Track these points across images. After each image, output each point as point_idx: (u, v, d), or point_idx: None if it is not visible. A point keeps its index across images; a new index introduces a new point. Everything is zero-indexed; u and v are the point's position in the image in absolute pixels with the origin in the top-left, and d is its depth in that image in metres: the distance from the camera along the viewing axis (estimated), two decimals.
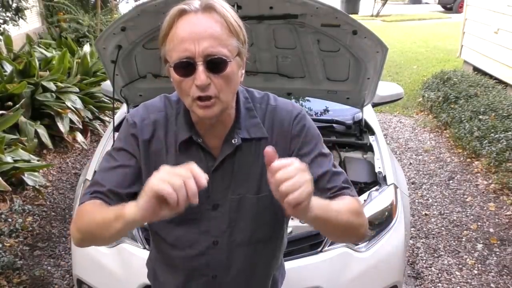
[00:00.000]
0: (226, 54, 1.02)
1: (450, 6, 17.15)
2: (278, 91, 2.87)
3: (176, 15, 1.03)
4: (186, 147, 1.15)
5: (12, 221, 3.41)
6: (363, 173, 2.54)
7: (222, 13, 1.03)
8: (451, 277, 2.99)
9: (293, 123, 1.17)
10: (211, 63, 1.01)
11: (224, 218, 1.18)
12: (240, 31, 1.06)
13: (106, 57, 2.44)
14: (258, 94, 1.22)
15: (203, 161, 1.14)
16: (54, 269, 3.03)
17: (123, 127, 1.20)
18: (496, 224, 3.55)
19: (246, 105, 1.18)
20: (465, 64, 7.53)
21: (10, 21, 5.28)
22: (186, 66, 1.02)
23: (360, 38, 2.22)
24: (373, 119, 3.03)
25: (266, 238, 1.24)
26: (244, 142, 1.15)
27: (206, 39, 1.00)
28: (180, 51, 1.01)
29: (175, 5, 1.04)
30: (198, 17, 1.01)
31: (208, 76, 1.01)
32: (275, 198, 1.11)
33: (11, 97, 4.26)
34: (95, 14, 7.72)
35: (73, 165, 4.55)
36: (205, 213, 1.17)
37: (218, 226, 1.18)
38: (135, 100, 2.88)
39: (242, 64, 1.10)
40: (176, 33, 1.02)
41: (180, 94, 1.09)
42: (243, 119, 1.16)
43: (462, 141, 4.78)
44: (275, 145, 1.09)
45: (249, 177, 1.17)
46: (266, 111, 1.18)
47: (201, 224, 1.18)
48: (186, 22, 1.01)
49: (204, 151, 1.15)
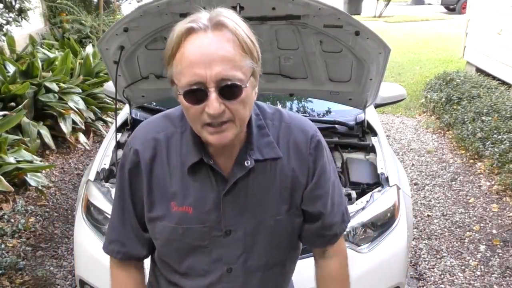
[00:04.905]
0: (241, 78, 0.93)
1: (453, 7, 17.12)
2: (281, 92, 2.89)
3: (184, 33, 0.93)
4: (195, 170, 1.07)
5: (14, 222, 3.42)
6: (365, 174, 2.54)
7: (234, 30, 0.93)
8: (453, 279, 2.98)
9: (309, 148, 1.11)
10: (224, 89, 0.92)
11: (238, 244, 1.10)
12: (254, 48, 0.97)
13: (108, 58, 2.44)
14: (270, 109, 1.14)
15: (213, 184, 1.07)
16: (56, 269, 3.03)
17: (125, 155, 1.12)
18: (499, 225, 3.54)
19: (257, 123, 1.09)
20: (468, 65, 7.52)
21: (13, 22, 5.28)
22: (197, 93, 0.93)
23: (362, 39, 2.22)
24: (375, 120, 3.03)
25: (282, 261, 1.19)
26: (257, 163, 1.07)
27: (218, 62, 0.91)
28: (190, 76, 0.92)
29: (181, 21, 0.95)
30: (208, 37, 0.92)
31: (221, 103, 0.93)
32: (291, 220, 1.11)
33: (14, 97, 4.27)
34: (97, 15, 7.73)
35: (76, 165, 4.55)
36: (216, 240, 1.09)
37: (232, 253, 1.11)
38: (138, 101, 2.89)
39: (256, 82, 1.02)
40: (184, 55, 0.92)
41: (189, 119, 1.00)
42: (255, 138, 1.07)
43: (465, 142, 4.77)
44: (293, 168, 1.10)
45: (264, 200, 1.09)
46: (279, 129, 1.10)
47: (213, 252, 1.10)
48: (195, 43, 0.92)
49: (215, 172, 1.07)
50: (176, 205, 1.08)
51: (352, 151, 2.80)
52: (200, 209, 1.08)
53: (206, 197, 1.08)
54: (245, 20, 0.99)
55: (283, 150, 1.09)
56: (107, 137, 2.91)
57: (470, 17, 7.40)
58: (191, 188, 1.08)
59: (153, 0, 2.07)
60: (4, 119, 3.74)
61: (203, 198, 1.08)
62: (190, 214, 1.08)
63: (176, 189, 1.08)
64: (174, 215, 1.08)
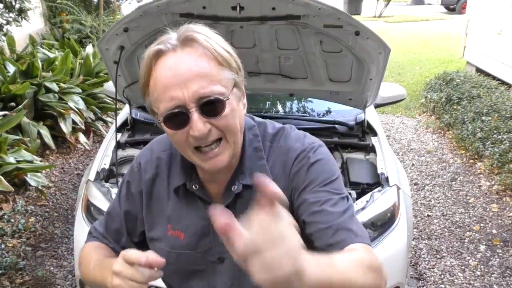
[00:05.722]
0: (221, 91, 0.87)
1: (453, 7, 17.11)
2: (281, 92, 2.89)
3: (152, 57, 0.89)
4: (184, 193, 1.03)
5: (14, 222, 3.42)
6: (365, 174, 2.54)
7: (205, 44, 0.88)
8: (453, 278, 2.98)
9: (294, 162, 0.99)
10: (206, 107, 0.87)
11: (229, 273, 1.04)
12: (231, 58, 0.91)
13: (108, 58, 2.44)
14: (273, 129, 1.04)
15: (201, 210, 1.02)
16: (56, 269, 3.03)
17: (131, 171, 1.11)
18: (499, 225, 3.54)
19: (254, 144, 1.01)
20: (468, 65, 7.52)
21: (13, 22, 5.28)
22: (178, 116, 0.87)
23: (362, 39, 2.22)
24: (375, 120, 3.03)
25: None
26: (245, 189, 0.99)
27: (193, 80, 0.85)
28: (167, 101, 0.86)
29: (175, 22, 0.92)
30: (178, 56, 0.87)
31: (206, 122, 0.87)
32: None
33: (14, 97, 4.27)
34: (97, 15, 7.73)
35: (76, 165, 4.55)
36: (211, 266, 1.05)
37: (224, 282, 1.05)
38: (138, 101, 2.88)
39: (242, 93, 0.96)
40: (157, 80, 0.87)
41: (177, 146, 0.95)
42: (247, 161, 1.00)
43: (465, 142, 4.77)
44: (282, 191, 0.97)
45: None
46: (274, 151, 1.02)
47: (210, 278, 1.07)
48: (166, 65, 0.87)
49: (202, 199, 1.02)
50: (171, 228, 1.06)
51: (352, 151, 2.80)
52: (191, 235, 1.04)
53: (196, 223, 1.04)
54: (217, 32, 0.93)
55: (274, 172, 1.01)
56: (107, 137, 2.91)
57: (470, 17, 7.40)
58: (183, 212, 1.05)
59: (153, 0, 2.07)
60: (4, 119, 3.74)
61: (193, 224, 1.04)
62: (181, 239, 1.05)
63: (171, 212, 1.06)
64: (169, 239, 1.06)
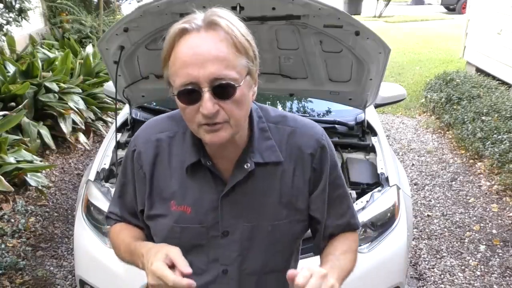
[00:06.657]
0: (235, 77, 0.92)
1: (453, 7, 17.11)
2: (280, 92, 2.89)
3: (177, 34, 0.93)
4: (194, 170, 1.07)
5: (14, 222, 3.42)
6: (365, 174, 2.54)
7: (227, 29, 0.92)
8: (453, 278, 2.98)
9: (314, 153, 1.09)
10: (218, 89, 0.92)
11: (234, 246, 1.09)
12: (249, 47, 0.96)
13: (108, 58, 2.44)
14: (274, 112, 1.12)
15: (212, 185, 1.07)
16: (56, 269, 3.03)
17: (127, 155, 1.15)
18: (499, 225, 3.54)
19: (260, 125, 1.08)
20: (468, 65, 7.52)
21: (13, 22, 5.28)
22: (191, 93, 0.93)
23: (362, 39, 2.22)
24: (375, 120, 3.03)
25: (278, 268, 1.14)
26: (257, 166, 1.06)
27: (211, 62, 0.90)
28: (183, 77, 0.92)
29: (175, 22, 0.96)
30: (201, 36, 0.92)
31: (215, 103, 0.93)
32: (291, 225, 1.10)
33: (14, 97, 4.27)
34: (97, 15, 7.73)
35: (76, 165, 4.55)
36: (213, 240, 1.09)
37: (228, 254, 1.10)
38: (138, 101, 2.89)
39: (254, 82, 1.01)
40: (177, 56, 0.93)
41: (185, 120, 1.00)
42: (256, 141, 1.06)
43: (465, 142, 4.77)
44: (296, 174, 1.09)
45: (263, 205, 1.08)
46: (283, 133, 1.09)
47: (210, 252, 1.10)
48: (188, 43, 0.92)
49: (214, 174, 1.07)
50: (175, 204, 1.09)
51: (352, 151, 2.80)
52: (198, 209, 1.08)
53: (205, 198, 1.08)
54: (241, 20, 0.98)
55: (285, 154, 1.08)
56: (107, 137, 2.91)
57: (470, 17, 7.40)
58: (190, 189, 1.08)
59: (153, 0, 2.07)
60: (4, 119, 3.74)
61: (202, 199, 1.08)
62: (188, 214, 1.08)
63: (175, 189, 1.09)
64: (173, 214, 1.09)
